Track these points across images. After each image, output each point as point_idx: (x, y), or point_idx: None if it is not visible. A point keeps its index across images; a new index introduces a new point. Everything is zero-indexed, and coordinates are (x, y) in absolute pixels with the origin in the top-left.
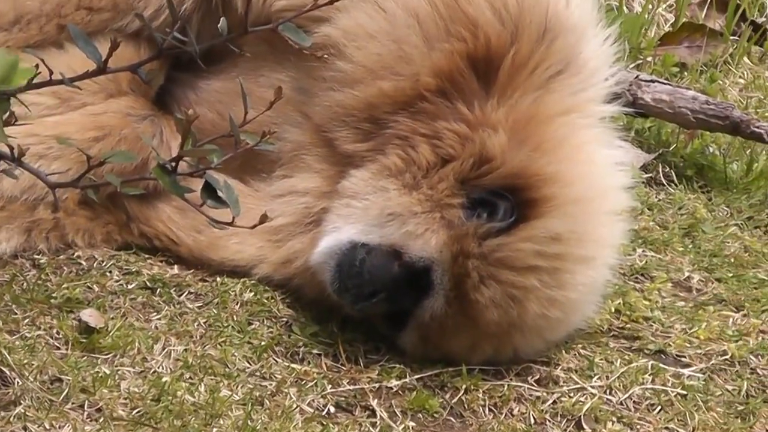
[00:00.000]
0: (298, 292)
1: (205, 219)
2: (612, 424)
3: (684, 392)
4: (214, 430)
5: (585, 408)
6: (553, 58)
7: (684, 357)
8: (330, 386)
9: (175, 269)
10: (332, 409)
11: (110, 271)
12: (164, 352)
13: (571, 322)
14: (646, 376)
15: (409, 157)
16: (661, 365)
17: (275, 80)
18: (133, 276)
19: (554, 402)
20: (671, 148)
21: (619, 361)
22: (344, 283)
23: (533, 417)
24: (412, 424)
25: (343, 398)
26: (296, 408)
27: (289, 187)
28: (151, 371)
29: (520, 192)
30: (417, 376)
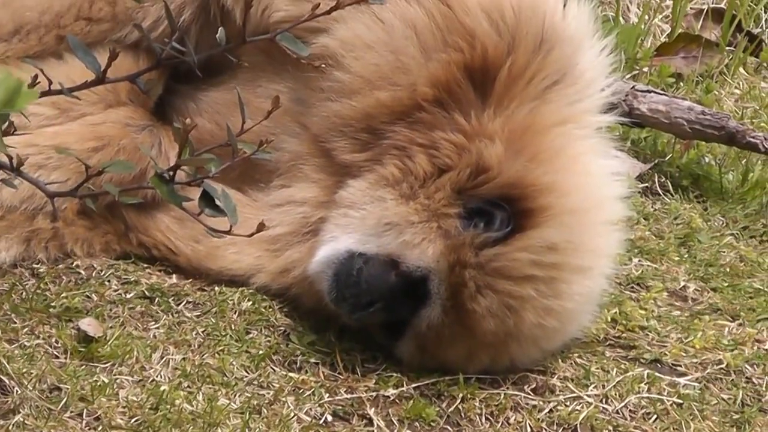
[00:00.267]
0: (295, 302)
1: (203, 228)
2: None
3: (680, 401)
4: None
5: (581, 417)
6: (550, 69)
7: (680, 366)
8: (327, 395)
9: (174, 278)
10: (329, 418)
11: (109, 281)
12: (162, 361)
13: (568, 332)
14: (642, 385)
15: (407, 167)
16: (657, 374)
17: (273, 91)
18: (132, 285)
19: (551, 411)
20: (667, 158)
21: (615, 370)
22: (342, 292)
23: (530, 426)
24: None
25: (340, 407)
26: (294, 417)
27: (287, 197)
28: (150, 380)
29: (516, 202)
30: (414, 385)
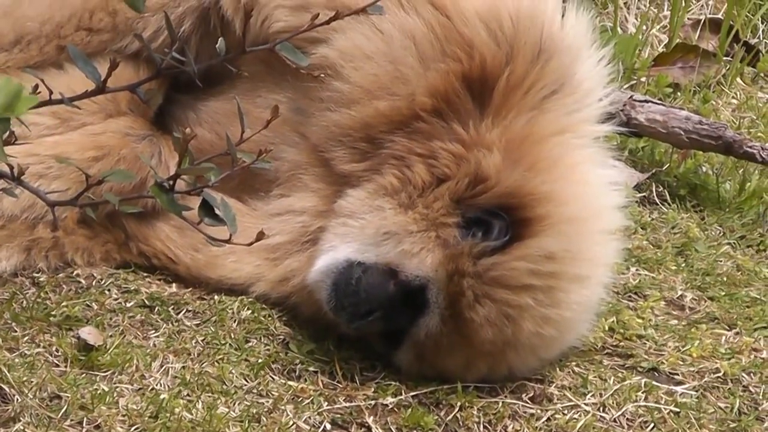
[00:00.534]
0: (295, 310)
1: (202, 237)
2: None
3: (677, 410)
4: None
5: (579, 425)
6: (548, 79)
7: (677, 375)
8: (326, 403)
9: (174, 287)
10: (328, 426)
11: (109, 290)
12: (162, 369)
13: (565, 340)
14: (640, 393)
15: (405, 177)
16: (654, 383)
17: (273, 101)
18: (132, 294)
19: (548, 419)
20: (664, 167)
21: (612, 378)
22: (340, 301)
23: None
24: None
25: (339, 415)
26: (293, 425)
27: (286, 206)
28: (149, 388)
29: (514, 211)
30: (412, 394)
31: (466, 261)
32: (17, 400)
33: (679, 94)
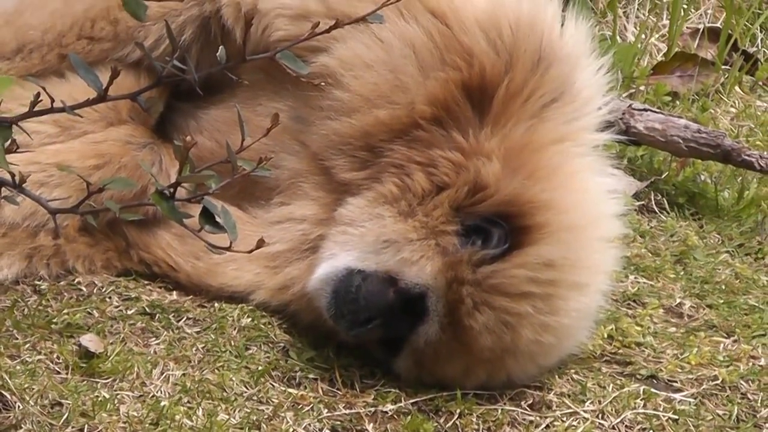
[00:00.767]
0: (294, 318)
1: (203, 245)
2: None
3: (675, 417)
4: None
5: None
6: (547, 87)
7: (675, 382)
8: (326, 410)
9: (174, 295)
10: None
11: (110, 297)
12: (163, 376)
13: (564, 348)
14: (638, 400)
15: (405, 185)
16: (653, 390)
17: (273, 109)
18: (133, 302)
19: (547, 426)
20: (663, 176)
21: (611, 385)
22: (340, 309)
23: None
24: None
25: (339, 422)
26: None
27: (286, 214)
28: (150, 395)
29: (513, 219)
30: (412, 401)
31: (465, 269)
32: (19, 407)
33: (677, 102)
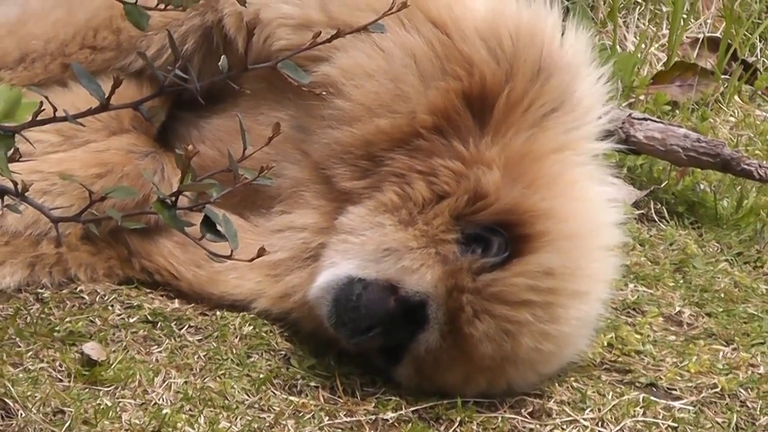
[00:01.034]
0: (296, 326)
1: (204, 253)
2: None
3: (675, 425)
4: None
5: None
6: (548, 97)
7: (675, 390)
8: (327, 418)
9: (176, 303)
10: None
11: (112, 305)
12: (165, 384)
13: (564, 356)
14: (638, 408)
15: (405, 194)
16: (653, 398)
17: (275, 118)
18: (135, 310)
19: None
20: (663, 185)
21: (611, 393)
22: (341, 317)
23: None
24: None
25: (339, 430)
26: None
27: (287, 223)
28: (152, 403)
29: (513, 228)
30: (412, 409)
31: (465, 277)
32: (21, 414)
33: (677, 111)
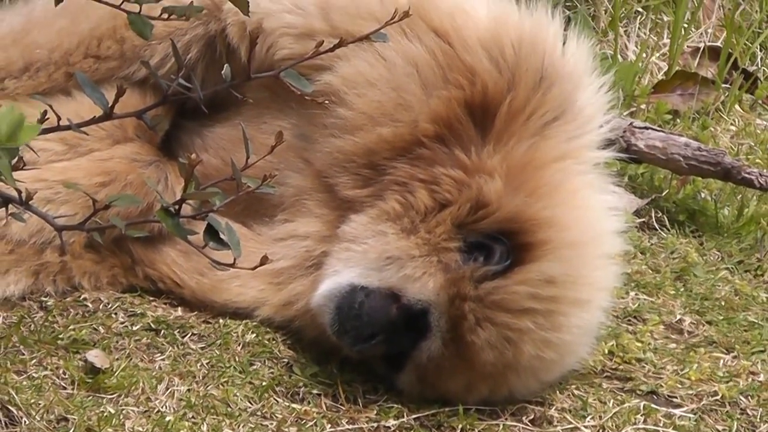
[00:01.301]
0: (298, 334)
1: (208, 261)
2: None
3: None
4: None
5: None
6: (549, 106)
7: (675, 398)
8: (329, 426)
9: (179, 311)
10: None
11: (116, 313)
12: (168, 392)
13: (566, 363)
14: (639, 416)
15: (408, 202)
16: (653, 406)
17: (277, 127)
18: (138, 318)
19: None
20: (664, 193)
21: (611, 401)
22: (343, 325)
23: None
24: None
25: None
26: None
27: (290, 231)
28: (155, 411)
29: (515, 236)
30: (414, 416)
31: (467, 285)
32: (25, 422)
33: (678, 120)
